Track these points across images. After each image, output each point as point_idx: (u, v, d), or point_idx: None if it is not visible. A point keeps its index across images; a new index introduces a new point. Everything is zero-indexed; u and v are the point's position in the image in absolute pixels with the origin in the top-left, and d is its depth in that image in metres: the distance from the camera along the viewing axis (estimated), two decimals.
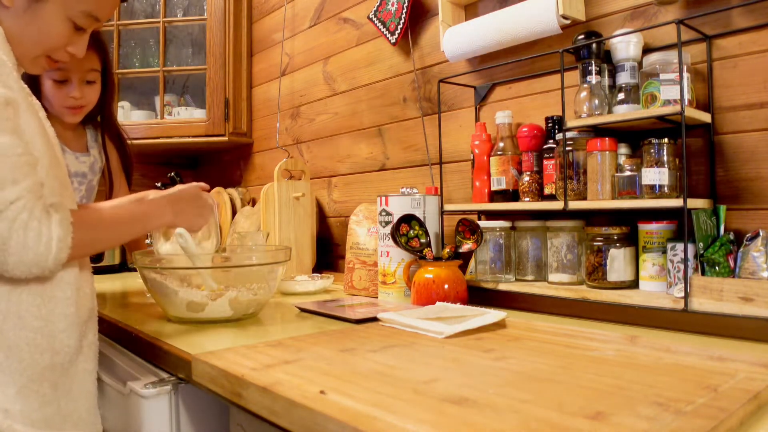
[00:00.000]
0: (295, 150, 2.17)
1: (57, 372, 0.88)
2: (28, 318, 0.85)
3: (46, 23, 0.88)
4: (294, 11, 2.17)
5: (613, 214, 1.18)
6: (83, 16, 0.91)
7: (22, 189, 0.78)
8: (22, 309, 0.84)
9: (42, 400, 0.86)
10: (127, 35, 2.46)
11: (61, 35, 0.91)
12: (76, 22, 0.91)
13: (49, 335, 0.87)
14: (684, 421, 0.55)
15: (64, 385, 0.90)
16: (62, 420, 0.89)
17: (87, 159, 1.60)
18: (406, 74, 1.70)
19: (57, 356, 0.88)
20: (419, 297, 1.25)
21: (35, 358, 0.85)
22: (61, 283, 0.89)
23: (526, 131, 1.27)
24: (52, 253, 0.81)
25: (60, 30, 0.90)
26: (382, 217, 1.40)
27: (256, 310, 1.23)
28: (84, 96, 1.47)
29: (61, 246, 0.82)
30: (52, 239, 0.81)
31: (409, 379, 0.71)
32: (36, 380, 0.85)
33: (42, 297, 0.86)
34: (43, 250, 0.80)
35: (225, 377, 0.78)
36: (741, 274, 0.95)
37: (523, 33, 1.29)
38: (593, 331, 0.96)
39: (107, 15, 0.95)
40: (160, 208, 1.04)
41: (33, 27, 0.88)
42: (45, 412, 0.86)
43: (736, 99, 1.04)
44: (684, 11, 1.10)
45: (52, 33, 0.90)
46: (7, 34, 0.86)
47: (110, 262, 2.23)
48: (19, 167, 0.79)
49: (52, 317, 0.87)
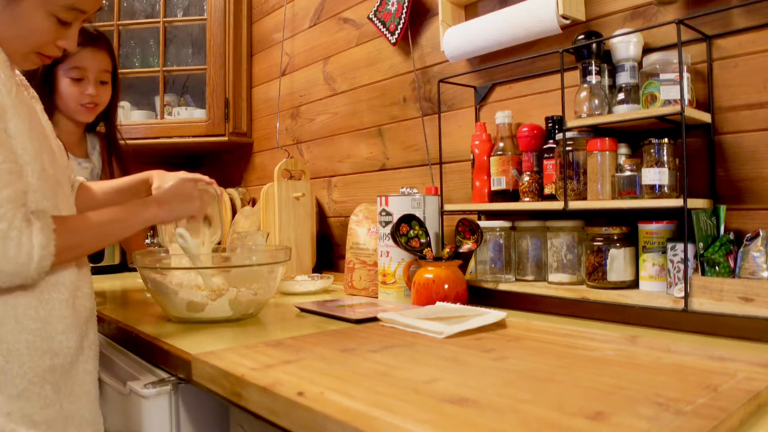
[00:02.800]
0: (295, 150, 2.17)
1: (58, 373, 0.88)
2: (26, 321, 0.84)
3: (28, 20, 0.86)
4: (294, 11, 2.17)
5: (613, 214, 1.18)
6: (65, 10, 0.88)
7: (1, 199, 0.77)
8: (19, 312, 0.84)
9: (44, 402, 0.86)
10: (127, 35, 2.46)
11: (45, 31, 0.88)
12: (59, 17, 0.88)
13: (48, 337, 0.87)
14: (684, 421, 0.55)
15: (65, 387, 0.90)
16: (64, 421, 0.88)
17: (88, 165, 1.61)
18: (406, 74, 1.70)
19: (57, 358, 0.88)
20: (419, 297, 1.25)
21: (35, 360, 0.85)
22: (58, 284, 0.88)
23: (526, 131, 1.27)
24: (34, 263, 0.80)
25: (43, 26, 0.88)
26: (382, 217, 1.40)
27: (256, 310, 1.23)
28: (99, 95, 1.50)
29: (43, 254, 0.81)
30: (34, 248, 0.80)
31: (409, 379, 0.71)
32: (37, 383, 0.85)
33: (39, 299, 0.86)
34: (25, 260, 0.79)
35: (225, 377, 0.78)
36: (741, 274, 0.95)
37: (523, 33, 1.29)
38: (593, 331, 0.96)
39: (93, 7, 0.92)
40: (143, 204, 1.03)
41: (15, 25, 0.86)
42: (47, 413, 0.86)
43: (736, 99, 1.04)
44: (684, 11, 1.10)
45: (35, 29, 0.87)
46: None
47: (110, 262, 2.22)
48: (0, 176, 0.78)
49: (50, 319, 0.87)
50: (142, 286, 1.49)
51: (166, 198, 1.07)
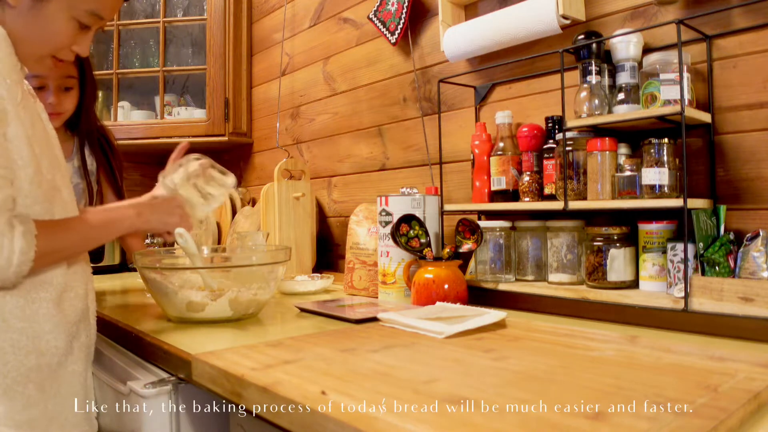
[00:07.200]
0: (295, 150, 2.17)
1: (44, 373, 0.88)
2: (12, 320, 0.84)
3: (51, 22, 0.88)
4: (294, 11, 2.17)
5: (613, 214, 1.18)
6: (88, 15, 0.90)
7: None
8: (6, 311, 0.84)
9: (27, 401, 0.85)
10: (127, 35, 2.46)
11: (67, 34, 0.91)
12: (81, 21, 0.90)
13: (34, 336, 0.87)
14: (684, 421, 0.55)
15: (51, 387, 0.89)
16: (48, 422, 0.88)
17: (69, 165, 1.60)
18: (406, 74, 1.70)
19: (43, 357, 0.88)
20: (419, 297, 1.25)
21: (20, 359, 0.85)
22: (45, 284, 0.88)
23: (526, 131, 1.27)
24: (13, 267, 0.81)
25: (65, 29, 0.90)
26: (382, 217, 1.40)
27: (256, 310, 1.23)
28: (61, 103, 1.46)
29: (22, 259, 0.82)
30: (14, 253, 0.80)
31: (409, 379, 0.71)
32: (21, 382, 0.85)
33: (26, 299, 0.86)
34: (4, 264, 0.80)
35: (225, 377, 0.78)
36: (741, 274, 0.95)
37: (523, 33, 1.29)
38: (593, 331, 0.96)
39: (111, 14, 0.95)
40: (124, 213, 1.03)
41: (38, 26, 0.88)
42: (30, 413, 0.85)
43: (736, 99, 1.04)
44: (684, 11, 1.10)
45: (57, 32, 0.89)
46: (12, 34, 0.86)
47: (110, 262, 2.22)
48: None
49: (36, 318, 0.87)
50: (142, 286, 1.49)
51: (146, 209, 1.07)
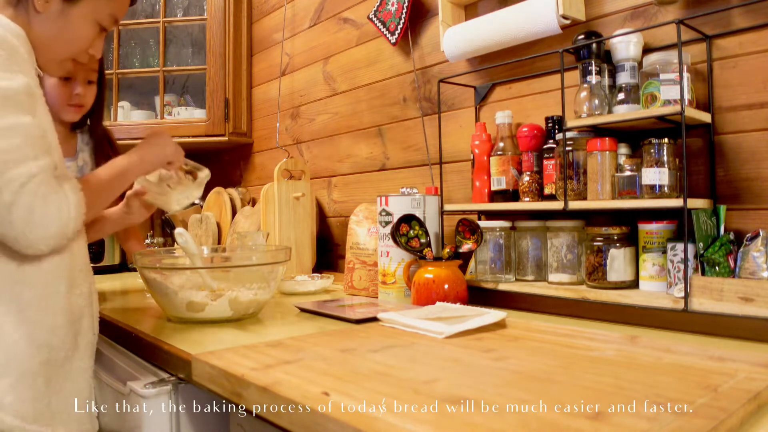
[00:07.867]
0: (295, 150, 2.17)
1: (53, 367, 0.89)
2: (29, 311, 0.86)
3: (78, 26, 0.93)
4: (294, 11, 2.17)
5: (613, 214, 1.18)
6: (108, 18, 0.96)
7: (42, 164, 0.82)
8: (23, 302, 0.85)
9: (34, 394, 0.86)
10: (127, 35, 2.46)
11: (88, 38, 0.95)
12: (102, 25, 0.96)
13: (48, 330, 0.88)
14: (684, 421, 0.55)
15: (57, 382, 0.90)
16: (51, 416, 0.89)
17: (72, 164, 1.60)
18: (406, 74, 1.70)
19: (54, 351, 0.89)
20: (419, 297, 1.25)
21: (33, 351, 0.86)
22: (59, 278, 0.90)
23: (526, 131, 1.27)
24: (72, 221, 0.86)
25: (89, 33, 0.95)
26: (382, 217, 1.40)
27: (256, 310, 1.23)
28: (86, 95, 1.49)
29: (79, 212, 0.87)
30: (71, 207, 0.85)
31: (409, 379, 0.71)
32: (32, 374, 0.86)
33: (43, 291, 0.87)
34: (66, 219, 0.84)
35: (225, 377, 0.78)
36: (741, 274, 0.95)
37: (523, 33, 1.29)
38: (593, 331, 0.96)
39: (123, 16, 1.00)
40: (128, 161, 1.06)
41: (65, 31, 0.92)
42: (36, 406, 0.86)
43: (736, 99, 1.04)
44: (684, 11, 1.10)
45: (81, 36, 0.94)
46: (37, 38, 0.90)
47: (110, 262, 2.22)
48: (39, 146, 0.83)
49: (52, 311, 0.88)
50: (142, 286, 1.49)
51: (143, 150, 1.09)
